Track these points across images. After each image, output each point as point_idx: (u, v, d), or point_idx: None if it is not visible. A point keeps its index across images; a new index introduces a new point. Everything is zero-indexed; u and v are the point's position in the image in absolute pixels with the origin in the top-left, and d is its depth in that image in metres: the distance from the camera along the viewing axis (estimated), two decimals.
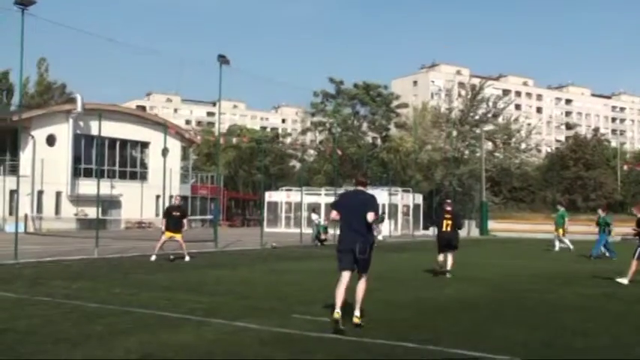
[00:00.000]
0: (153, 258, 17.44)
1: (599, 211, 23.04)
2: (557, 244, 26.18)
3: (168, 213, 18.11)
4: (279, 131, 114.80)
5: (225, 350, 6.71)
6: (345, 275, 8.36)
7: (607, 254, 21.95)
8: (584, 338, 7.71)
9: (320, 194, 41.24)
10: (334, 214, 8.60)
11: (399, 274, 15.47)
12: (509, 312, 9.82)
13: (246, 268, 16.30)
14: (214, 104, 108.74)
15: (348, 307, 8.06)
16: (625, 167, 51.31)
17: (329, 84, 59.45)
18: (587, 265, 19.09)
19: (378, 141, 61.52)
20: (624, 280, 13.66)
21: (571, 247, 25.50)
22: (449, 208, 15.23)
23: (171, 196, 24.85)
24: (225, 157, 63.53)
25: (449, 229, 14.97)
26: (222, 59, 23.55)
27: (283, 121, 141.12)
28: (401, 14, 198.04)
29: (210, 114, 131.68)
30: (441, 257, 14.97)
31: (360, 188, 8.69)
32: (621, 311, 10.01)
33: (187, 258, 17.68)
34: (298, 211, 36.98)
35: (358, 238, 8.20)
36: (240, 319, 8.42)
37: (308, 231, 29.80)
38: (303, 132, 70.39)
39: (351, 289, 8.23)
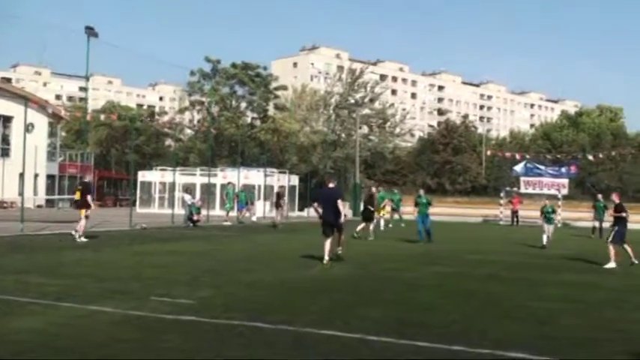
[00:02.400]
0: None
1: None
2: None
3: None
4: (157, 109, 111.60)
5: (73, 334, 6.43)
6: (328, 238, 13.62)
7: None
8: (436, 314, 8.05)
9: (195, 174, 40.52)
10: (316, 205, 14.57)
11: (267, 255, 15.51)
12: (369, 291, 10.08)
13: (111, 250, 15.73)
14: (88, 79, 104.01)
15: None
16: (489, 153, 54.25)
17: (206, 63, 58.35)
18: (448, 246, 19.99)
19: (257, 122, 61.29)
20: (612, 265, 14.42)
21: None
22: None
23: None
24: (96, 134, 61.00)
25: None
26: (90, 31, 22.47)
27: (161, 99, 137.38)
28: None
29: (82, 89, 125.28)
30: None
31: (330, 185, 14.52)
32: (473, 289, 10.53)
33: (78, 238, 17.46)
34: (172, 192, 36.14)
35: (332, 215, 13.70)
36: (95, 302, 8.11)
37: (181, 212, 29.21)
38: (181, 111, 68.78)
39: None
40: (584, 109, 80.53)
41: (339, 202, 13.84)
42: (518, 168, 41.81)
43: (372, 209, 22.54)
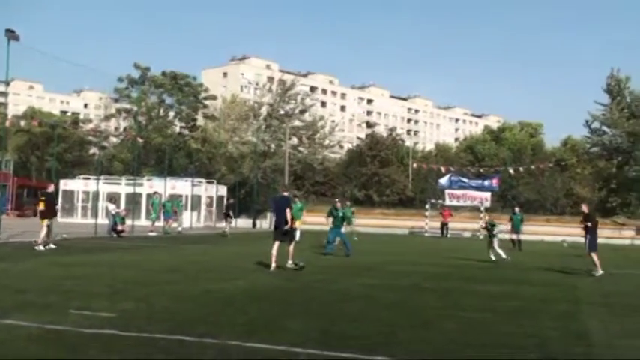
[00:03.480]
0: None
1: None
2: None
3: None
4: (81, 116, 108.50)
5: None
6: (277, 244, 14.45)
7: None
8: (360, 325, 8.15)
9: (120, 184, 39.65)
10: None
11: (193, 266, 15.31)
12: (296, 302, 10.11)
13: (30, 261, 15.19)
14: (8, 84, 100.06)
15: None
16: (415, 165, 55.33)
17: (135, 70, 57.28)
18: (375, 257, 20.28)
19: (186, 131, 60.53)
20: (599, 272, 15.69)
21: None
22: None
23: None
24: (15, 141, 58.75)
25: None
26: (11, 34, 21.70)
27: (86, 106, 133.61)
28: (214, 4, 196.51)
29: (1, 94, 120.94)
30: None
31: (284, 194, 15.41)
32: (397, 300, 10.72)
33: (37, 246, 18.20)
34: (96, 201, 35.23)
35: (283, 222, 14.51)
36: (10, 315, 7.82)
37: (105, 222, 28.52)
38: (107, 118, 67.25)
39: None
40: (506, 125, 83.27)
41: (287, 210, 14.55)
42: (444, 181, 42.88)
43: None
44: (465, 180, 43.14)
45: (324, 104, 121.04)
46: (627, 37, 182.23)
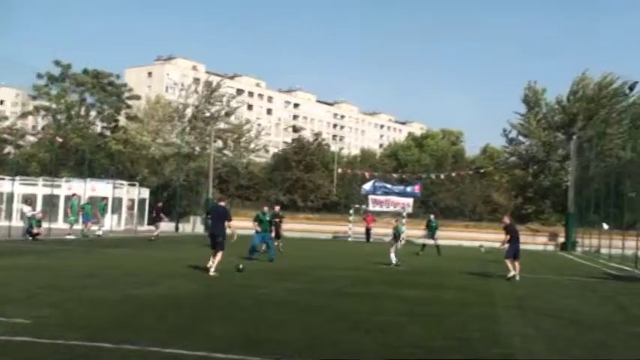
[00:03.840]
0: None
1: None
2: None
3: None
4: None
5: None
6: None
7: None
8: (283, 330, 8.16)
9: (36, 184, 38.21)
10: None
11: (112, 271, 14.93)
12: (217, 308, 10.02)
13: None
14: None
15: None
16: (339, 170, 55.86)
17: (55, 67, 55.29)
18: (299, 262, 20.35)
19: (107, 132, 58.92)
20: (514, 275, 16.62)
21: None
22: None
23: None
24: None
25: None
26: None
27: (1, 102, 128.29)
28: (140, 2, 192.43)
29: None
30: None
31: (221, 203, 16.15)
32: (320, 305, 10.79)
33: None
34: (10, 203, 33.83)
35: (217, 230, 14.98)
36: None
37: (20, 224, 27.43)
38: (23, 115, 64.63)
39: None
40: (429, 132, 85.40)
41: (227, 223, 15.03)
42: (367, 186, 43.45)
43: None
44: (388, 186, 43.85)
45: (250, 107, 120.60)
46: (544, 47, 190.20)
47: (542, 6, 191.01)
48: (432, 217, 30.89)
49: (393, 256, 20.04)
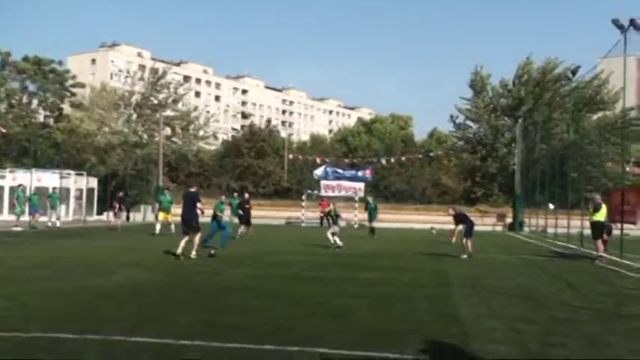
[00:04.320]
0: None
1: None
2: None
3: None
4: None
5: None
6: (186, 236, 15.77)
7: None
8: (245, 316, 8.22)
9: None
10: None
11: (65, 261, 14.69)
12: (178, 296, 10.01)
13: None
14: None
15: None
16: (291, 156, 55.93)
17: None
18: (253, 248, 20.35)
19: (51, 121, 57.46)
20: (464, 256, 17.78)
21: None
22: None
23: None
24: None
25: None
26: None
27: None
28: None
29: None
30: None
31: (192, 189, 16.53)
32: (280, 290, 10.86)
33: None
34: None
35: (190, 215, 15.84)
36: None
37: None
38: None
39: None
40: (378, 117, 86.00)
41: (199, 205, 15.93)
42: (319, 171, 43.64)
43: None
44: (340, 170, 44.14)
45: (198, 94, 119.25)
46: (488, 32, 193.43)
47: None
48: (369, 199, 31.80)
49: (331, 237, 20.95)
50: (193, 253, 15.73)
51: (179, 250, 15.59)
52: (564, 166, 30.71)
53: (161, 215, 26.21)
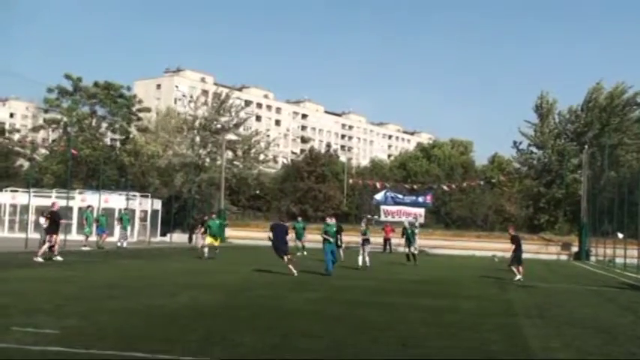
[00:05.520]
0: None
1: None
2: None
3: None
4: (7, 126, 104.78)
5: None
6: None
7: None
8: (309, 340, 8.21)
9: (50, 196, 38.41)
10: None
11: (133, 281, 15.04)
12: (243, 318, 10.07)
13: None
14: None
15: None
16: (350, 181, 55.96)
17: (66, 80, 55.81)
18: (313, 273, 20.36)
19: (118, 144, 59.32)
20: (519, 278, 18.86)
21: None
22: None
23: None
24: None
25: None
26: None
27: (12, 115, 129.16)
28: (148, 14, 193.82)
29: None
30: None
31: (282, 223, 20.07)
32: (342, 314, 10.84)
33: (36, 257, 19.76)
34: (25, 214, 34.06)
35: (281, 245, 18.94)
36: None
37: (35, 236, 27.57)
38: (35, 129, 65.20)
39: None
40: (438, 142, 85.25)
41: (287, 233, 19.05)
42: (379, 197, 43.48)
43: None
44: (400, 196, 43.89)
45: (258, 118, 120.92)
46: (552, 61, 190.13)
47: (549, 16, 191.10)
48: (406, 223, 31.02)
49: (360, 258, 22.70)
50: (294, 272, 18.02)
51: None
52: (632, 194, 29.72)
53: (208, 239, 25.85)
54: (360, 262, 22.72)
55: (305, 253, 29.23)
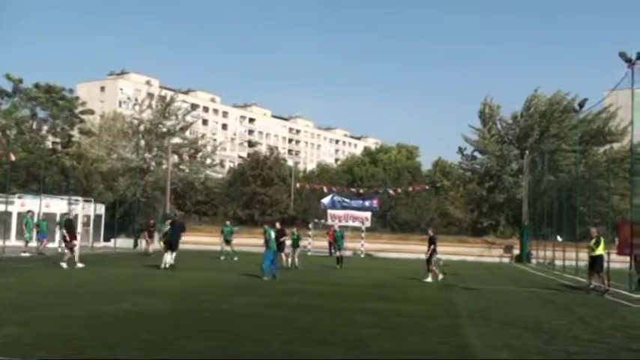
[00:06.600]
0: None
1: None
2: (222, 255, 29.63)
3: None
4: None
5: None
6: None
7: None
8: (255, 344, 8.20)
9: None
10: None
11: (75, 288, 14.71)
12: (188, 323, 9.98)
13: None
14: None
15: None
16: (298, 185, 56.04)
17: (6, 81, 54.17)
18: (256, 277, 20.32)
19: (59, 147, 57.81)
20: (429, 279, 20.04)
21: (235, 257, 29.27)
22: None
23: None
24: None
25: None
26: None
27: None
28: (92, 17, 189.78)
29: None
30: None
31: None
32: (285, 317, 10.85)
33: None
34: None
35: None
36: None
37: None
38: None
39: None
40: (384, 147, 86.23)
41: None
42: (326, 200, 43.66)
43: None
44: (347, 200, 44.17)
45: (205, 122, 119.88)
46: (494, 65, 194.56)
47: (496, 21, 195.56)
48: (336, 227, 31.81)
49: (289, 260, 24.60)
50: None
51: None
52: (571, 198, 30.64)
53: (156, 245, 27.51)
54: (290, 264, 24.61)
55: (236, 258, 29.35)
